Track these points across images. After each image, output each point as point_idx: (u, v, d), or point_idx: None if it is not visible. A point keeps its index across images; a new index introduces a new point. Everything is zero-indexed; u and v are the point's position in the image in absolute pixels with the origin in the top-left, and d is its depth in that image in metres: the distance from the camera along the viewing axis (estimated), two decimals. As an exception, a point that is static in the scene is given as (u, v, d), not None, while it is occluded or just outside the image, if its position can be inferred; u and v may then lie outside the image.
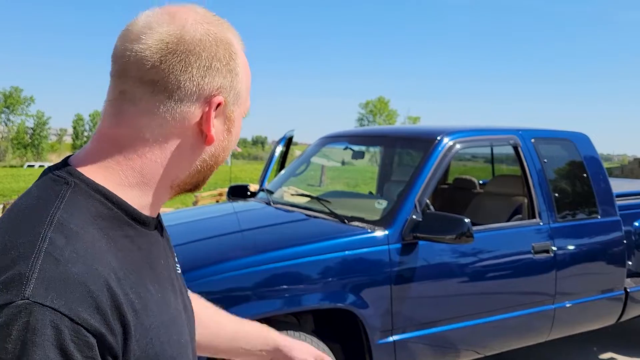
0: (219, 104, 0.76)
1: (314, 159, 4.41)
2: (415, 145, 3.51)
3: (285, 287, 2.64)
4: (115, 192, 0.73)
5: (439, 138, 3.24)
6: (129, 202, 0.74)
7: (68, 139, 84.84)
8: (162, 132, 0.75)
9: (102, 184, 0.73)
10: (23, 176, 28.23)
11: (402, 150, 4.19)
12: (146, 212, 0.78)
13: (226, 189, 6.12)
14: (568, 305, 3.45)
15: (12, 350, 0.56)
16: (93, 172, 0.73)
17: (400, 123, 62.05)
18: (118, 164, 0.74)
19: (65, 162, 0.76)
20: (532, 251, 3.27)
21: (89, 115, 49.42)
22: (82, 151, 0.77)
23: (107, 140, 0.75)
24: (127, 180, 0.75)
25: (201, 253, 2.81)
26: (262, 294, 2.61)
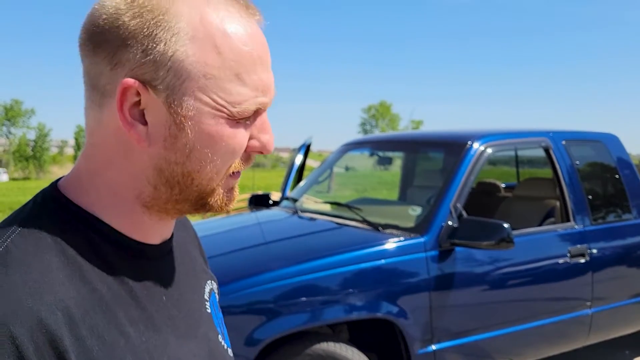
0: (125, 91, 0.58)
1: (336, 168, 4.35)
2: (446, 150, 3.45)
3: (322, 298, 2.58)
4: (99, 215, 0.62)
5: (470, 142, 3.19)
6: (114, 227, 0.63)
7: (70, 151, 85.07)
8: (99, 138, 0.63)
9: (83, 206, 0.62)
10: (29, 189, 28.30)
11: (428, 155, 4.13)
12: (139, 237, 0.65)
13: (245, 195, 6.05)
14: (605, 309, 3.38)
15: None
16: (74, 192, 0.63)
17: (404, 127, 62.01)
18: (92, 178, 0.64)
19: (56, 180, 0.67)
20: (568, 255, 3.20)
21: (91, 127, 49.51)
22: (73, 167, 0.67)
23: (83, 154, 0.66)
24: (102, 200, 0.63)
25: (235, 265, 2.75)
26: (299, 307, 2.54)
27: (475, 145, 3.18)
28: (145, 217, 0.65)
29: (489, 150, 3.21)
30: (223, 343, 0.76)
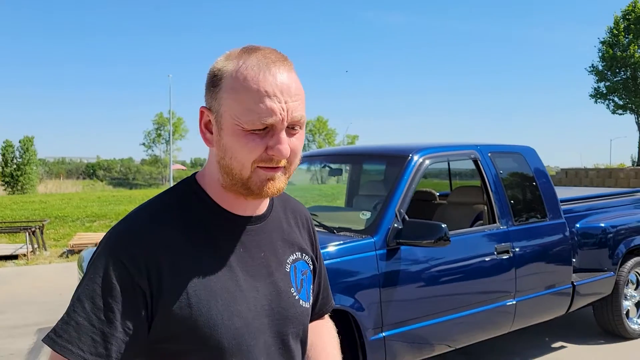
0: (202, 114, 0.99)
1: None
2: (390, 161, 3.88)
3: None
4: (208, 192, 1.01)
5: (411, 155, 3.63)
6: (215, 200, 1.00)
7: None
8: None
9: (202, 186, 1.02)
10: None
11: (372, 166, 4.56)
12: (230, 208, 1.00)
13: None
14: (527, 299, 3.90)
15: (89, 262, 0.95)
16: (200, 176, 1.04)
17: (339, 142, 63.12)
18: (207, 168, 1.03)
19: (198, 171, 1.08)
20: (495, 252, 3.70)
21: (19, 142, 46.96)
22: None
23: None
24: (208, 183, 1.02)
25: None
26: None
27: (415, 157, 3.62)
28: (227, 195, 1.00)
29: (427, 162, 3.66)
30: (295, 294, 1.07)
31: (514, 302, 3.83)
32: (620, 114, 28.89)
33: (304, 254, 1.14)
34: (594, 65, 28.84)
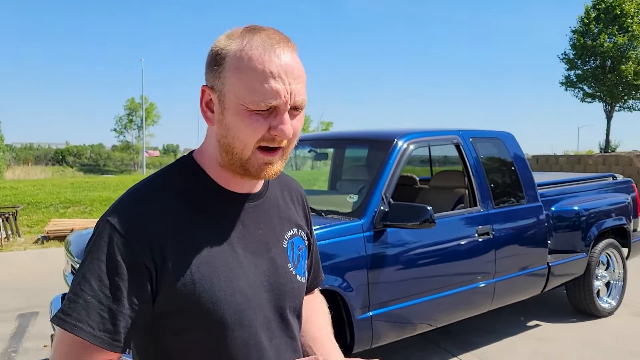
0: (203, 92, 0.98)
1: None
2: (375, 146, 3.96)
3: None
4: (206, 170, 1.02)
5: (396, 140, 3.71)
6: (212, 178, 1.02)
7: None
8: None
9: (200, 164, 1.03)
10: None
11: (356, 151, 4.63)
12: (228, 186, 1.02)
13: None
14: (505, 279, 4.04)
15: (90, 241, 0.96)
16: (198, 155, 1.06)
17: (314, 128, 63.09)
18: (205, 147, 1.05)
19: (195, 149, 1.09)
20: (476, 234, 3.83)
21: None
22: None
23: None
24: (206, 161, 1.03)
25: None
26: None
27: (400, 142, 3.71)
28: (225, 173, 1.02)
29: (411, 147, 3.75)
30: (292, 270, 1.10)
31: (493, 283, 3.97)
32: (589, 102, 29.60)
33: (300, 230, 1.16)
34: (566, 53, 29.41)
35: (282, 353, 1.06)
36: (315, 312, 1.26)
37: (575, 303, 5.03)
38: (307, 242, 1.19)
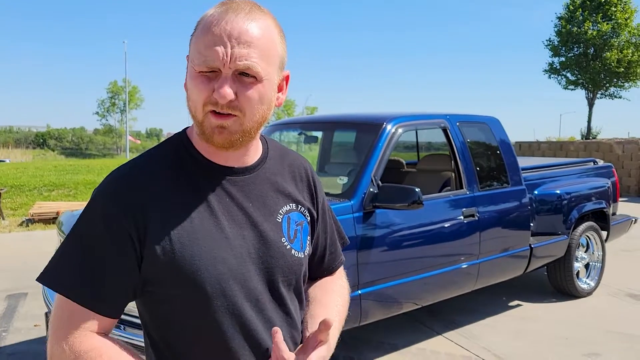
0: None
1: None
2: (364, 129, 4.02)
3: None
4: (194, 144, 1.04)
5: (385, 123, 3.78)
6: (200, 151, 1.03)
7: None
8: None
9: (190, 138, 1.05)
10: None
11: (345, 134, 4.69)
12: (213, 158, 1.03)
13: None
14: (489, 260, 4.16)
15: (80, 213, 1.01)
16: (189, 129, 1.08)
17: (299, 113, 62.95)
18: None
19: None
20: (462, 216, 3.93)
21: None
22: None
23: None
24: (194, 133, 1.04)
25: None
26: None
27: (389, 125, 3.78)
28: (206, 145, 1.02)
29: (400, 130, 3.82)
30: (286, 244, 1.08)
31: (478, 263, 4.09)
32: (572, 90, 29.95)
33: (300, 206, 1.14)
34: (551, 40, 29.66)
35: (273, 325, 1.04)
36: (329, 293, 1.22)
37: (556, 284, 5.19)
38: (309, 219, 1.16)
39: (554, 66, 29.51)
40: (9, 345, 4.03)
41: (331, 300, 1.21)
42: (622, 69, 27.42)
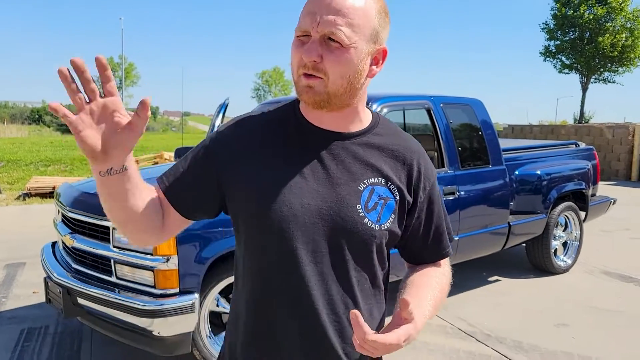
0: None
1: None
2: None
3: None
4: (300, 106, 1.17)
5: (370, 103, 3.93)
6: (303, 113, 1.15)
7: None
8: None
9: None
10: None
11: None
12: (312, 120, 1.13)
13: (161, 153, 6.39)
14: (467, 236, 4.36)
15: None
16: None
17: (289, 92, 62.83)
18: None
19: None
20: (442, 193, 4.12)
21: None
22: None
23: None
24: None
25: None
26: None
27: (375, 105, 3.93)
28: (305, 107, 1.15)
29: (385, 110, 3.99)
30: (361, 211, 1.09)
31: (456, 239, 4.28)
32: (567, 73, 30.01)
33: (390, 184, 1.13)
34: (547, 23, 29.64)
35: (326, 282, 1.08)
36: (425, 276, 1.22)
37: (534, 260, 5.41)
38: (398, 198, 1.14)
39: (550, 49, 29.55)
40: (9, 310, 4.23)
41: (425, 282, 1.20)
42: (617, 54, 27.51)
